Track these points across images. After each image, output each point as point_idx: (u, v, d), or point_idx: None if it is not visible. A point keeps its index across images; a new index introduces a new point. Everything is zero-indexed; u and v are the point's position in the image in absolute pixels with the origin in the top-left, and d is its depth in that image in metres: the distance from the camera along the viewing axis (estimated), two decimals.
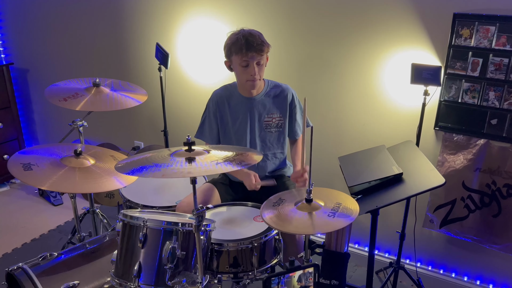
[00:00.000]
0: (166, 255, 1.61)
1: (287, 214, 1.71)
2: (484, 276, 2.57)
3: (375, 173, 2.18)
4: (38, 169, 2.04)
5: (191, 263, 1.71)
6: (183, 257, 1.63)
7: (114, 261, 1.74)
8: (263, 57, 2.21)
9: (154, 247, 1.64)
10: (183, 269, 1.67)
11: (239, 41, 2.17)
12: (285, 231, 1.71)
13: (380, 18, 2.46)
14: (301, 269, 1.53)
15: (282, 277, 1.50)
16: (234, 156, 1.59)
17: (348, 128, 2.73)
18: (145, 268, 1.65)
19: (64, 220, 3.46)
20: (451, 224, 2.52)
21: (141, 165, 1.49)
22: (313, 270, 1.55)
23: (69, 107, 2.32)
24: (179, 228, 1.65)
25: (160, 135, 3.24)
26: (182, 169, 1.42)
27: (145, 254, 1.65)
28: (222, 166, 1.48)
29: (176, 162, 1.47)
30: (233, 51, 2.20)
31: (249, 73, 2.20)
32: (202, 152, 1.56)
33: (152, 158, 1.58)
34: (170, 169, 1.42)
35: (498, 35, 2.16)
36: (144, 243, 1.64)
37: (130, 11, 3.31)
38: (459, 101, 2.34)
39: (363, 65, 2.58)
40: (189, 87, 3.24)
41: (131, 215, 1.71)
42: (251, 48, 2.16)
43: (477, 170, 2.39)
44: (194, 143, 1.55)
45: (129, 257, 1.69)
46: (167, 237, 1.65)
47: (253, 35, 2.18)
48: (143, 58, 3.37)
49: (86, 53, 3.66)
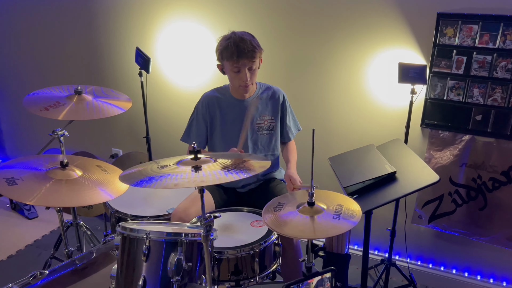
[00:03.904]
0: (172, 267, 1.55)
1: (292, 219, 1.69)
2: (472, 268, 2.64)
3: (368, 173, 2.19)
4: (23, 183, 1.94)
5: (195, 274, 1.66)
6: (189, 268, 1.58)
7: (114, 276, 1.67)
8: (255, 62, 2.17)
9: (158, 260, 1.59)
10: (188, 281, 1.63)
11: (229, 47, 2.12)
12: (293, 237, 1.69)
13: (365, 18, 2.48)
14: (319, 274, 1.52)
15: (300, 284, 1.48)
16: (240, 163, 1.56)
17: (335, 127, 2.74)
18: (149, 282, 1.59)
19: (41, 234, 3.32)
20: (439, 219, 2.58)
21: (148, 175, 1.43)
22: (330, 275, 1.54)
23: (51, 117, 2.22)
24: (183, 239, 1.60)
25: (139, 142, 3.16)
26: (194, 178, 1.38)
27: (149, 267, 1.59)
28: (233, 174, 1.44)
29: (185, 172, 1.42)
30: (224, 56, 2.16)
31: (241, 79, 2.17)
32: (208, 160, 1.52)
33: (151, 168, 1.53)
34: (181, 179, 1.37)
35: (481, 34, 2.22)
36: (148, 256, 1.58)
37: (105, 14, 3.20)
38: (444, 99, 2.39)
39: (348, 65, 2.60)
40: (170, 92, 3.17)
41: (130, 228, 1.65)
42: (242, 55, 2.12)
43: (463, 165, 2.45)
44: (200, 151, 1.51)
45: (131, 271, 1.62)
46: (171, 249, 1.59)
47: (244, 41, 2.13)
48: (120, 63, 3.27)
49: (59, 59, 3.52)
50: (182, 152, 2.29)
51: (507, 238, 2.44)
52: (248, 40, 2.14)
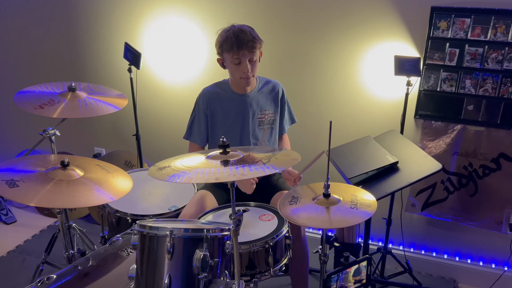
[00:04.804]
0: (198, 264, 1.52)
1: (315, 211, 1.71)
2: (462, 252, 2.76)
3: (371, 164, 2.24)
4: (24, 185, 1.85)
5: (217, 270, 1.64)
6: (216, 264, 1.56)
7: (132, 276, 1.62)
8: (255, 53, 2.17)
9: (183, 257, 1.55)
10: (212, 277, 1.60)
11: (229, 39, 2.11)
12: (324, 228, 1.71)
13: (360, 11, 2.52)
14: (356, 263, 1.54)
15: (340, 273, 1.49)
16: (272, 157, 1.56)
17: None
18: (174, 280, 1.55)
19: (22, 239, 3.17)
20: (432, 206, 2.67)
21: (181, 170, 1.40)
22: (366, 263, 1.56)
23: (46, 115, 2.12)
24: (207, 235, 1.57)
25: (125, 140, 3.08)
26: (234, 171, 1.37)
27: (173, 265, 1.55)
28: (270, 168, 1.44)
29: (228, 165, 1.42)
30: (224, 49, 2.14)
31: (242, 71, 2.16)
32: (238, 154, 1.51)
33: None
34: (223, 172, 1.36)
35: (473, 27, 2.31)
36: (173, 254, 1.54)
37: (90, 8, 3.09)
38: (437, 90, 2.47)
39: (342, 58, 2.64)
40: (158, 87, 3.10)
41: (150, 226, 1.60)
42: (242, 45, 2.11)
43: (455, 154, 2.54)
44: (229, 145, 1.49)
45: (153, 270, 1.58)
46: (196, 245, 1.56)
47: (244, 32, 2.13)
48: (107, 59, 3.17)
49: (41, 56, 3.37)
50: (173, 149, 2.22)
51: (497, 222, 2.56)
52: (248, 31, 2.14)
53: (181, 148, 2.35)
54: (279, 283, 2.63)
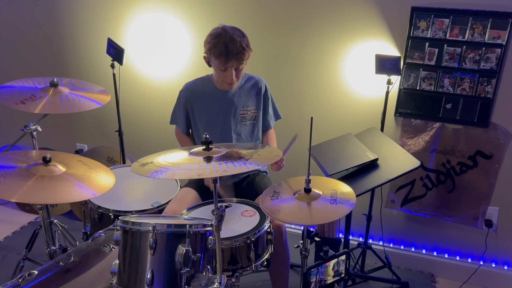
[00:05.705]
0: (181, 259, 1.54)
1: (289, 206, 1.74)
2: (440, 247, 2.82)
3: (351, 160, 2.28)
4: (5, 180, 1.84)
5: (199, 265, 1.66)
6: (198, 259, 1.58)
7: (115, 271, 1.63)
8: (242, 63, 2.18)
9: (165, 252, 1.56)
10: (194, 272, 1.62)
11: (219, 47, 2.10)
12: (303, 224, 1.74)
13: (341, 11, 2.56)
14: (335, 257, 1.57)
15: (319, 267, 1.52)
16: (255, 153, 1.58)
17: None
18: (156, 276, 1.57)
19: (3, 235, 3.13)
20: (411, 202, 2.73)
21: (164, 166, 1.42)
22: (344, 257, 1.60)
23: (27, 110, 2.11)
24: (190, 230, 1.59)
25: (107, 136, 3.06)
26: (217, 167, 1.39)
27: (156, 260, 1.56)
28: (253, 164, 1.46)
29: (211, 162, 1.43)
30: (212, 53, 2.14)
31: (226, 77, 2.18)
32: (221, 151, 1.53)
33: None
34: (204, 169, 1.37)
35: (451, 27, 2.37)
36: (155, 249, 1.55)
37: (73, 3, 3.07)
38: (417, 89, 2.53)
39: (324, 56, 2.67)
40: (141, 83, 3.10)
41: (133, 221, 1.61)
42: (231, 56, 2.11)
43: (434, 151, 2.60)
44: (212, 142, 1.51)
45: (136, 265, 1.59)
46: (178, 241, 1.58)
47: (234, 41, 2.10)
48: (89, 54, 3.15)
49: (20, 50, 3.33)
50: (156, 146, 2.23)
51: (473, 218, 2.64)
52: (238, 41, 2.11)
53: (164, 144, 2.35)
54: (261, 278, 2.66)
